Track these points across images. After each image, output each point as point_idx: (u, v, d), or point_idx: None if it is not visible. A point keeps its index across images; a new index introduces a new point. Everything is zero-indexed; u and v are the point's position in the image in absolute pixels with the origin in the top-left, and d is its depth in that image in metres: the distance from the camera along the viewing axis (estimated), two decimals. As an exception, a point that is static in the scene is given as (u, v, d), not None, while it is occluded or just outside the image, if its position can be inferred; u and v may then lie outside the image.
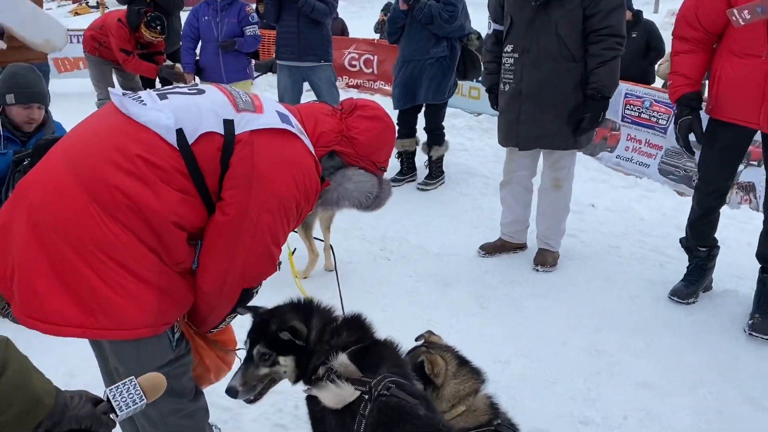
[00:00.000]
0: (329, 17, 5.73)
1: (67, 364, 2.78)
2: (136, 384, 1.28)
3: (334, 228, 3.99)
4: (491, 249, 4.17)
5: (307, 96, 6.19)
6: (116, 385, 1.27)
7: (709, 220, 3.44)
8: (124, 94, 1.71)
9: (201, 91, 1.78)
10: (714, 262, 3.55)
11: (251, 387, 1.88)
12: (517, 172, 4.01)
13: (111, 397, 1.24)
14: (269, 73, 10.69)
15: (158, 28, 6.53)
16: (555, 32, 3.55)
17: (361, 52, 10.52)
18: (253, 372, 1.87)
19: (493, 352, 3.05)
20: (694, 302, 3.48)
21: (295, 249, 3.26)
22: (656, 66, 7.70)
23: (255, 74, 10.96)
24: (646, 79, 7.25)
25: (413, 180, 5.69)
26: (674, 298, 3.50)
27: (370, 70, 10.49)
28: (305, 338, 1.86)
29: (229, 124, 1.68)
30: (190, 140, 1.63)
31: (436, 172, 5.59)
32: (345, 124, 1.97)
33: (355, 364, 1.81)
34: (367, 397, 1.69)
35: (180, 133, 1.62)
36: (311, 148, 1.85)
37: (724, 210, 3.59)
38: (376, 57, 10.36)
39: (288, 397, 2.63)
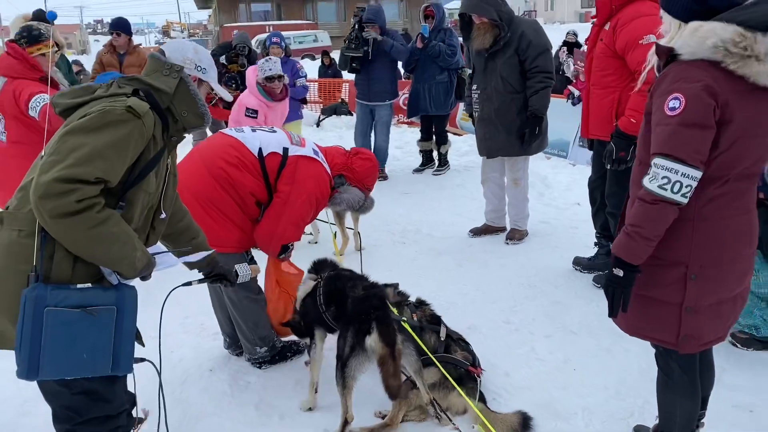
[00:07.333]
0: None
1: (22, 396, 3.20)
2: (247, 266, 2.92)
3: (370, 225, 5.68)
4: (478, 231, 5.67)
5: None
6: (240, 264, 2.88)
7: None
8: (236, 129, 3.43)
9: (274, 131, 3.44)
10: None
11: None
12: (490, 174, 5.52)
13: (237, 269, 2.83)
14: (333, 116, 12.59)
15: (233, 86, 7.86)
16: (499, 74, 5.08)
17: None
18: None
19: (458, 291, 4.54)
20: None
21: (335, 233, 4.97)
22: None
23: (321, 117, 12.71)
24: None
25: (432, 168, 8.20)
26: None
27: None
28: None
29: (285, 150, 3.32)
30: (264, 154, 3.25)
31: (443, 161, 8.13)
32: (350, 160, 3.68)
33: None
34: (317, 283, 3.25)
35: (260, 150, 3.26)
36: (328, 170, 3.51)
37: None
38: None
39: (222, 371, 3.55)
